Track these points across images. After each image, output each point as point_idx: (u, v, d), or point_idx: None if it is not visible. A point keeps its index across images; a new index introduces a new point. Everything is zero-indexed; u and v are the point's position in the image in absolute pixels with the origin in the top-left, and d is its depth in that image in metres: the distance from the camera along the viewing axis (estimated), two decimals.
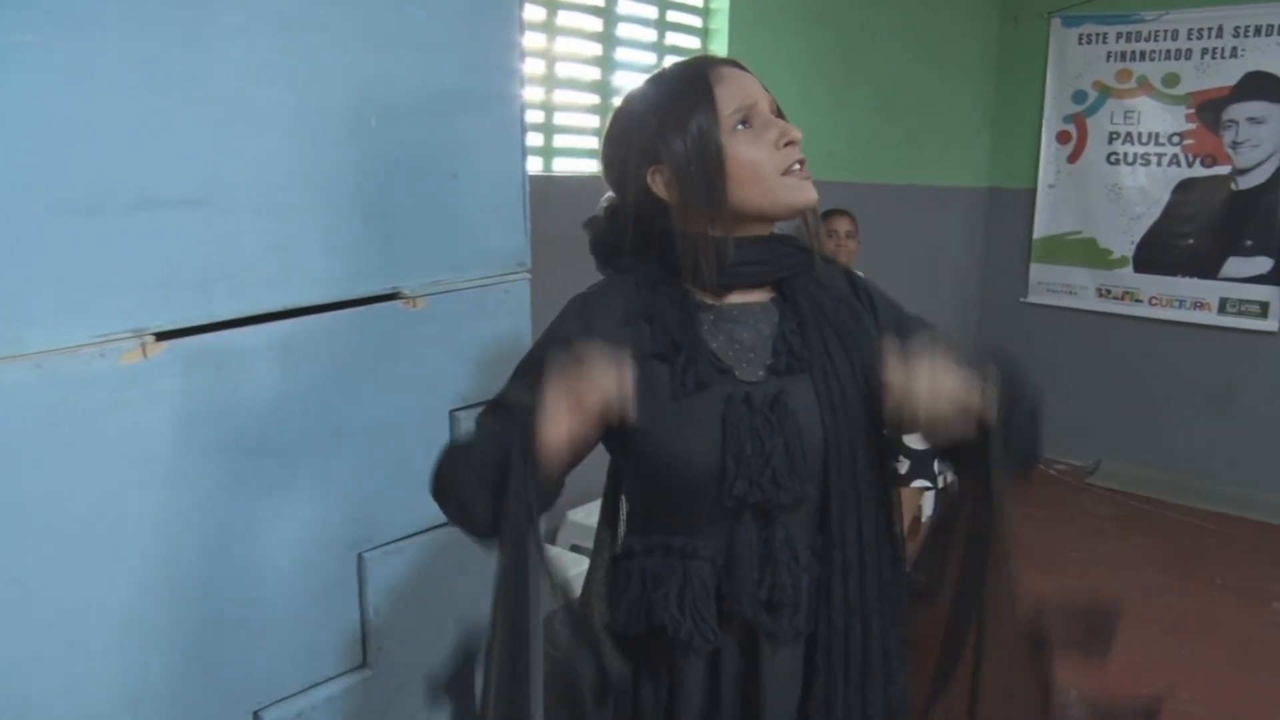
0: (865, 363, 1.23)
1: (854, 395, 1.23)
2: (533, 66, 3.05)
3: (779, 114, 1.25)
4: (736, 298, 1.27)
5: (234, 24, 1.43)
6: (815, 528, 1.24)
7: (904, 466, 3.86)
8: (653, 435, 1.21)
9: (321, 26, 1.53)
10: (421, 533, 1.75)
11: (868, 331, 1.27)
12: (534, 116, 3.08)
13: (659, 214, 1.25)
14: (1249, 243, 4.94)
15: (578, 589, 1.33)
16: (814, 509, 1.23)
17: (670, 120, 1.20)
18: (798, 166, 1.22)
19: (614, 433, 1.21)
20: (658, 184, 1.23)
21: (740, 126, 1.21)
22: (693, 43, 3.71)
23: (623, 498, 1.36)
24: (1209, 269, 5.06)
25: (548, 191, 2.93)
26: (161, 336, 1.38)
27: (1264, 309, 4.92)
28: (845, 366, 1.24)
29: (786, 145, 1.21)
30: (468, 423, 1.78)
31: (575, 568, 1.38)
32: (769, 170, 1.20)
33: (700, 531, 1.23)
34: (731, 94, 1.21)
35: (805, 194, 1.22)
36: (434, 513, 1.75)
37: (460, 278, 1.76)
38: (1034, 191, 5.52)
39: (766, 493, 1.18)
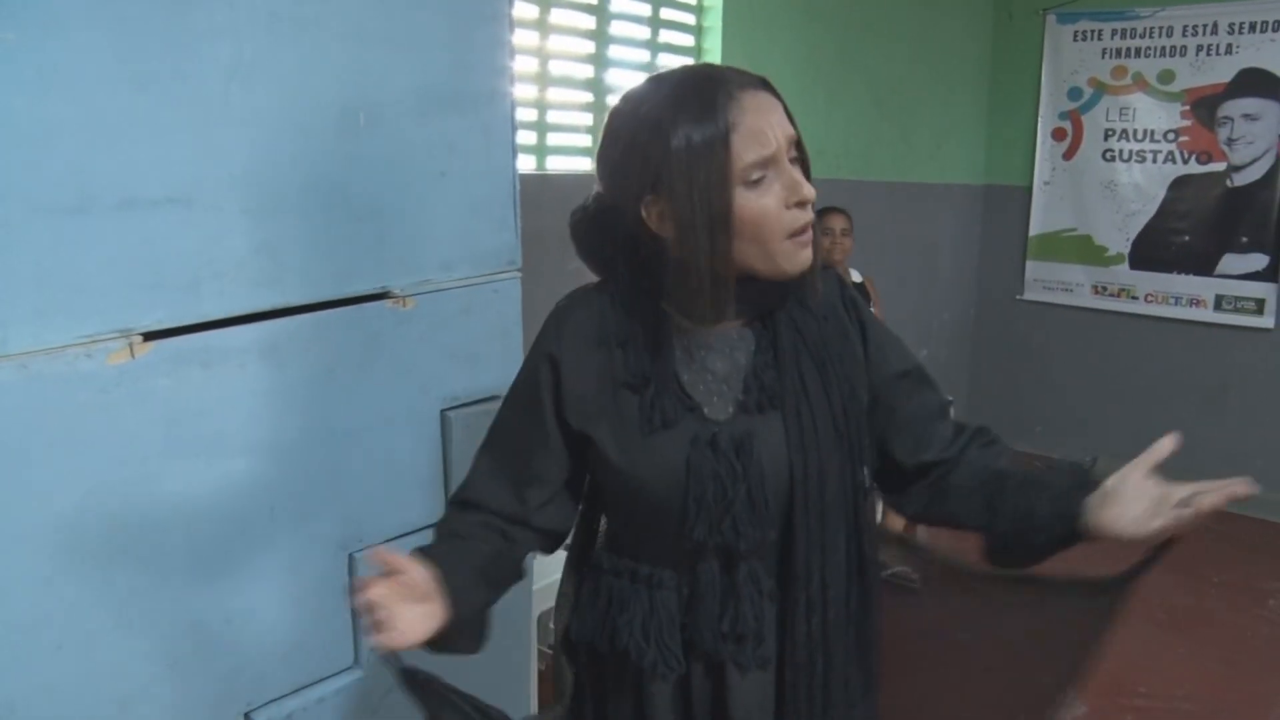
0: (846, 391, 1.20)
1: (827, 431, 1.18)
2: (526, 64, 3.04)
3: (798, 147, 1.15)
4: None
5: (221, 23, 1.42)
6: (779, 561, 1.22)
7: None
8: (620, 469, 1.20)
9: (310, 25, 1.53)
10: (412, 533, 1.75)
11: (853, 354, 1.24)
12: (527, 114, 3.08)
13: (650, 238, 1.16)
14: (1244, 239, 4.94)
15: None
16: (777, 546, 1.21)
17: (678, 159, 1.09)
18: (803, 231, 1.14)
19: (588, 452, 1.23)
20: (652, 215, 1.14)
21: (755, 177, 1.10)
22: (687, 40, 3.70)
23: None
24: (1204, 266, 5.06)
25: (540, 190, 2.93)
26: (149, 336, 1.37)
27: (1260, 305, 4.92)
28: (821, 401, 1.19)
29: (797, 205, 1.12)
30: (458, 423, 1.78)
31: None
32: (774, 232, 1.12)
33: (666, 561, 1.22)
34: (750, 143, 1.09)
35: (801, 261, 1.15)
36: (425, 512, 1.76)
37: (450, 277, 1.76)
38: (1030, 189, 5.52)
39: (727, 538, 1.17)
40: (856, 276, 4.10)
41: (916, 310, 5.16)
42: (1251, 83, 4.83)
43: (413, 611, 1.10)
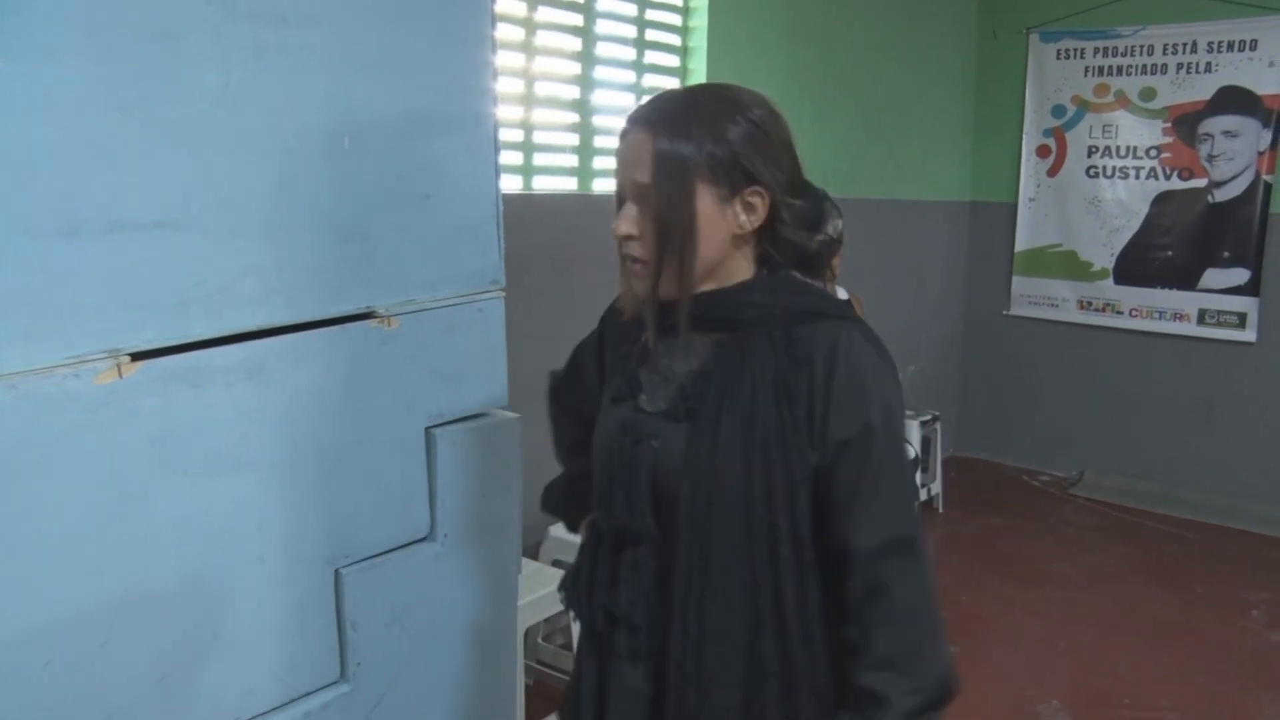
0: (771, 434, 1.19)
1: (732, 458, 1.19)
2: (512, 86, 3.08)
3: (657, 176, 1.19)
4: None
5: (209, 52, 1.45)
6: (662, 565, 1.27)
7: None
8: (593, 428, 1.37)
9: (296, 52, 1.56)
10: (398, 549, 1.77)
11: (786, 423, 1.20)
12: (513, 135, 3.12)
13: None
14: (1226, 254, 5.00)
15: None
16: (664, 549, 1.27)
17: None
18: (630, 262, 1.25)
19: None
20: None
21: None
22: (672, 61, 3.75)
23: None
24: (1187, 280, 5.12)
25: (526, 209, 2.97)
26: (137, 357, 1.40)
27: (1242, 320, 4.97)
28: (735, 429, 1.20)
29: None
30: (444, 441, 1.81)
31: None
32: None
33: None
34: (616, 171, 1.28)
35: (625, 289, 1.29)
36: (411, 528, 1.78)
37: (433, 297, 1.78)
38: (1015, 205, 5.57)
39: (614, 517, 1.27)
40: (843, 294, 4.13)
41: (905, 325, 5.19)
42: (1230, 100, 4.90)
43: None
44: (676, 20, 3.74)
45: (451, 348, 1.82)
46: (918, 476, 4.06)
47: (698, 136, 1.18)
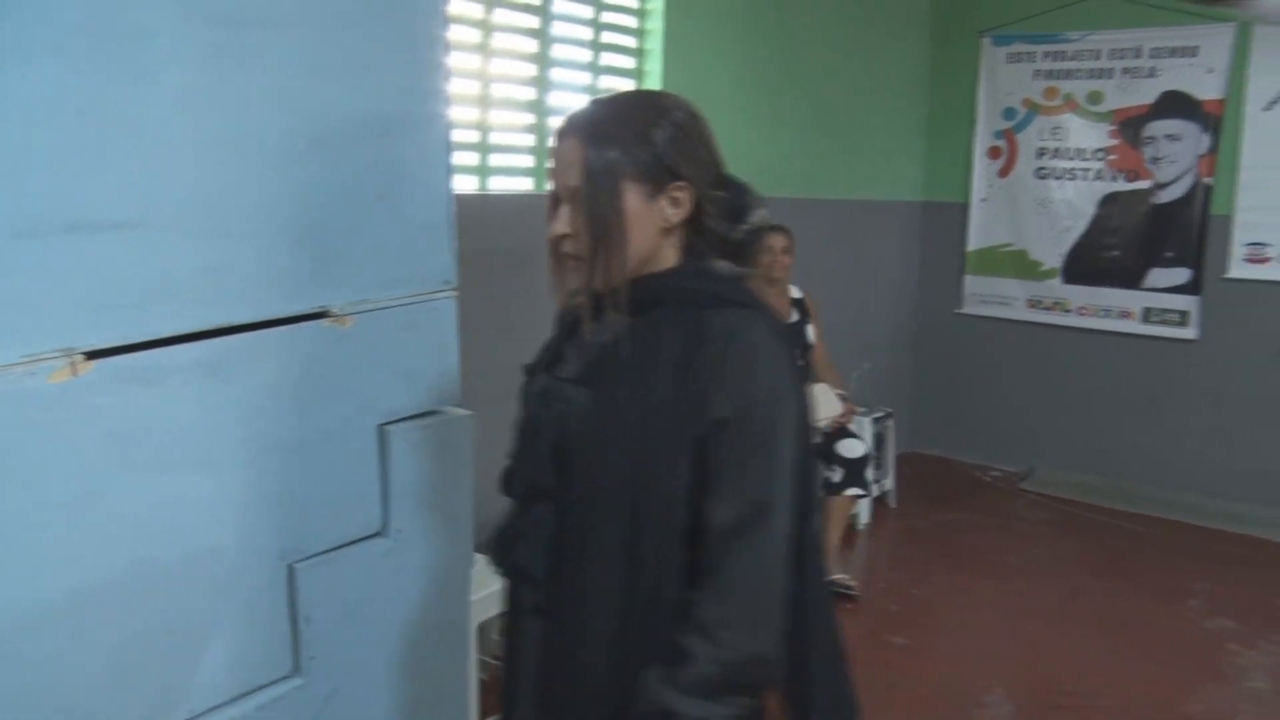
0: (648, 405, 1.29)
1: (616, 426, 1.31)
2: (468, 88, 3.12)
3: (588, 179, 1.30)
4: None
5: (167, 54, 1.47)
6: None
7: (837, 475, 3.96)
8: None
9: (254, 55, 1.58)
10: (352, 544, 1.80)
11: (679, 394, 1.28)
12: (470, 137, 3.15)
13: None
14: (1169, 254, 5.12)
15: None
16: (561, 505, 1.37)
17: None
18: (566, 259, 1.36)
19: None
20: None
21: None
22: (628, 63, 3.79)
23: None
24: (1133, 279, 5.24)
25: (482, 210, 3.00)
26: (93, 355, 1.42)
27: (1183, 317, 5.10)
28: (630, 397, 1.30)
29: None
30: (397, 438, 1.84)
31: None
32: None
33: None
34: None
35: (558, 283, 1.40)
36: (364, 524, 1.82)
37: (388, 296, 1.82)
38: (967, 205, 5.67)
39: (523, 474, 1.40)
40: (796, 292, 4.20)
41: (858, 323, 5.27)
42: (1173, 104, 5.03)
43: None
44: (633, 23, 3.78)
45: (405, 346, 1.85)
46: (870, 473, 4.14)
47: (624, 140, 1.30)
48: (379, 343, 1.80)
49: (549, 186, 1.36)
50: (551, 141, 1.36)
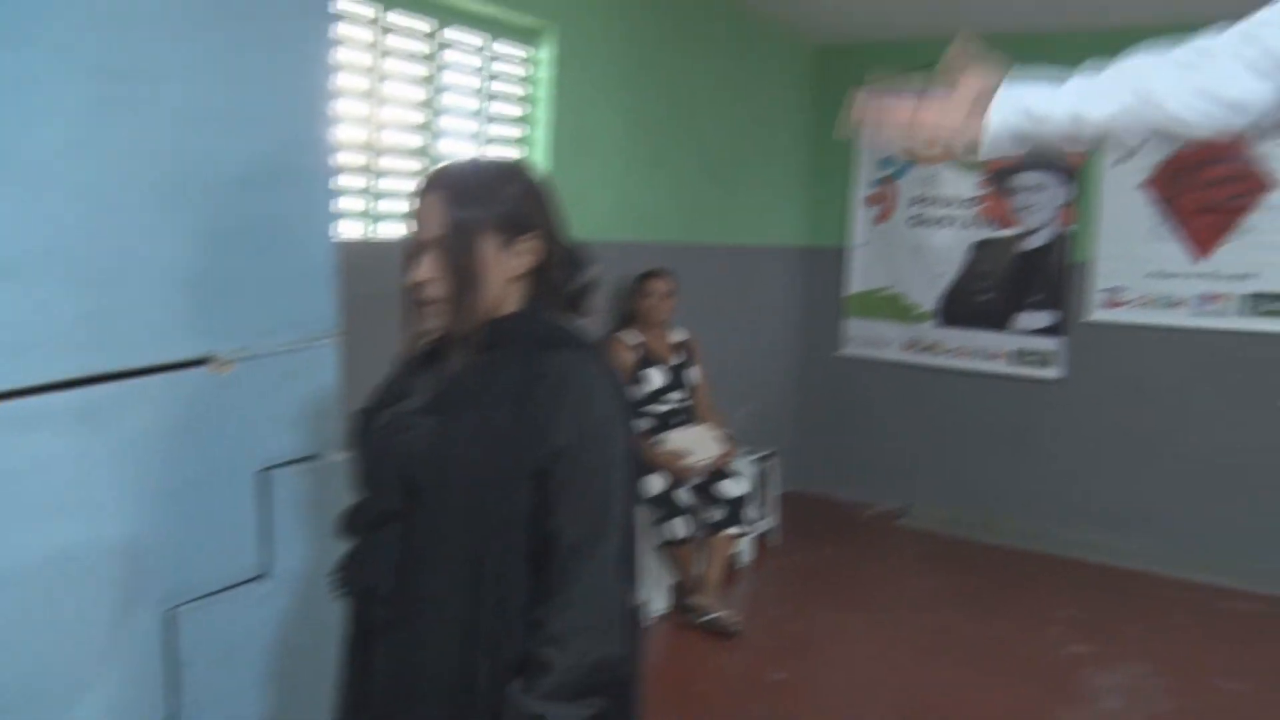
0: (501, 438, 1.42)
1: (471, 451, 1.42)
2: (356, 134, 3.16)
3: (448, 231, 1.44)
4: None
5: (49, 104, 1.51)
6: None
7: (718, 514, 4.06)
8: None
9: (141, 106, 1.62)
10: (231, 588, 1.82)
11: (518, 424, 1.42)
12: (358, 182, 3.19)
13: None
14: (1035, 298, 5.40)
15: None
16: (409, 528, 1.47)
17: None
18: (425, 304, 1.48)
19: None
20: None
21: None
22: (517, 110, 3.87)
23: None
24: (1003, 322, 5.50)
25: (369, 256, 3.04)
26: None
27: (1050, 359, 5.37)
28: (472, 426, 1.43)
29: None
30: (277, 483, 1.88)
31: None
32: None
33: None
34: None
35: (413, 326, 1.53)
36: (243, 568, 1.84)
37: (269, 343, 1.86)
38: (847, 251, 5.89)
39: (370, 498, 1.50)
40: (680, 335, 4.32)
41: (742, 365, 5.41)
42: (1036, 157, 5.31)
43: None
44: (521, 71, 3.87)
45: (286, 392, 1.89)
46: (751, 511, 4.26)
47: (482, 197, 1.46)
48: (260, 389, 1.84)
49: (408, 237, 1.50)
50: (413, 197, 1.49)
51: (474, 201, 1.45)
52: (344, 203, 2.70)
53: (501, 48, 3.74)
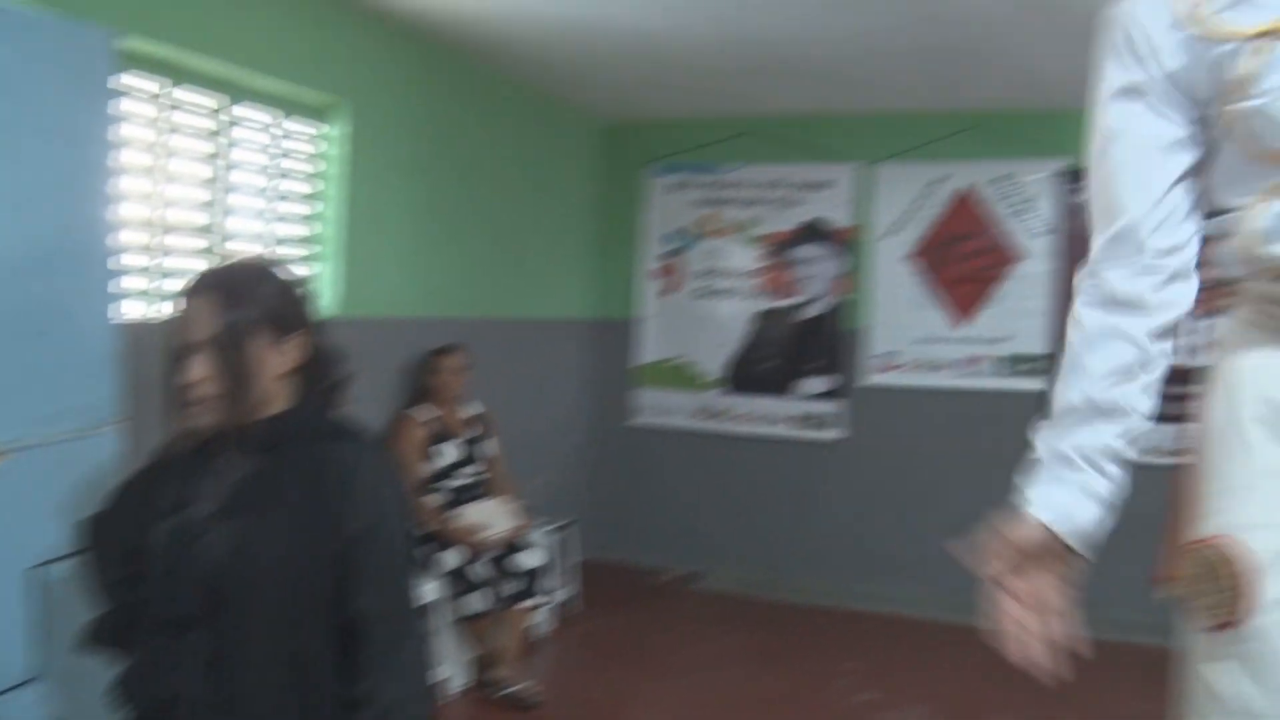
0: (301, 532, 1.48)
1: (274, 549, 1.47)
2: (140, 212, 3.06)
3: (220, 332, 1.49)
4: None
5: None
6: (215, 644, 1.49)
7: (514, 586, 4.08)
8: None
9: None
10: (13, 689, 1.74)
11: (314, 517, 1.50)
12: (142, 261, 3.09)
13: None
14: (814, 365, 5.72)
15: None
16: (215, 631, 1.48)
17: None
18: (198, 402, 1.51)
19: None
20: None
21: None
22: (306, 188, 3.85)
23: None
24: (785, 388, 5.78)
25: (154, 337, 2.95)
26: None
27: (830, 421, 5.68)
28: (272, 525, 1.48)
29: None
30: (53, 578, 1.80)
31: None
32: None
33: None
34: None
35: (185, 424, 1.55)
36: (24, 667, 1.76)
37: (45, 433, 1.80)
38: (636, 322, 6.07)
39: (169, 609, 1.49)
40: (476, 408, 4.36)
41: (536, 439, 5.44)
42: (813, 231, 5.70)
43: None
44: (312, 148, 3.85)
45: (63, 483, 1.83)
46: (548, 582, 4.30)
47: (250, 298, 1.52)
48: (36, 480, 1.79)
49: (177, 338, 1.52)
50: (180, 299, 1.54)
51: (244, 302, 1.50)
52: (128, 283, 2.61)
53: (292, 125, 3.73)
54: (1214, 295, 1.40)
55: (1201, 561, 1.25)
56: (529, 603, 4.11)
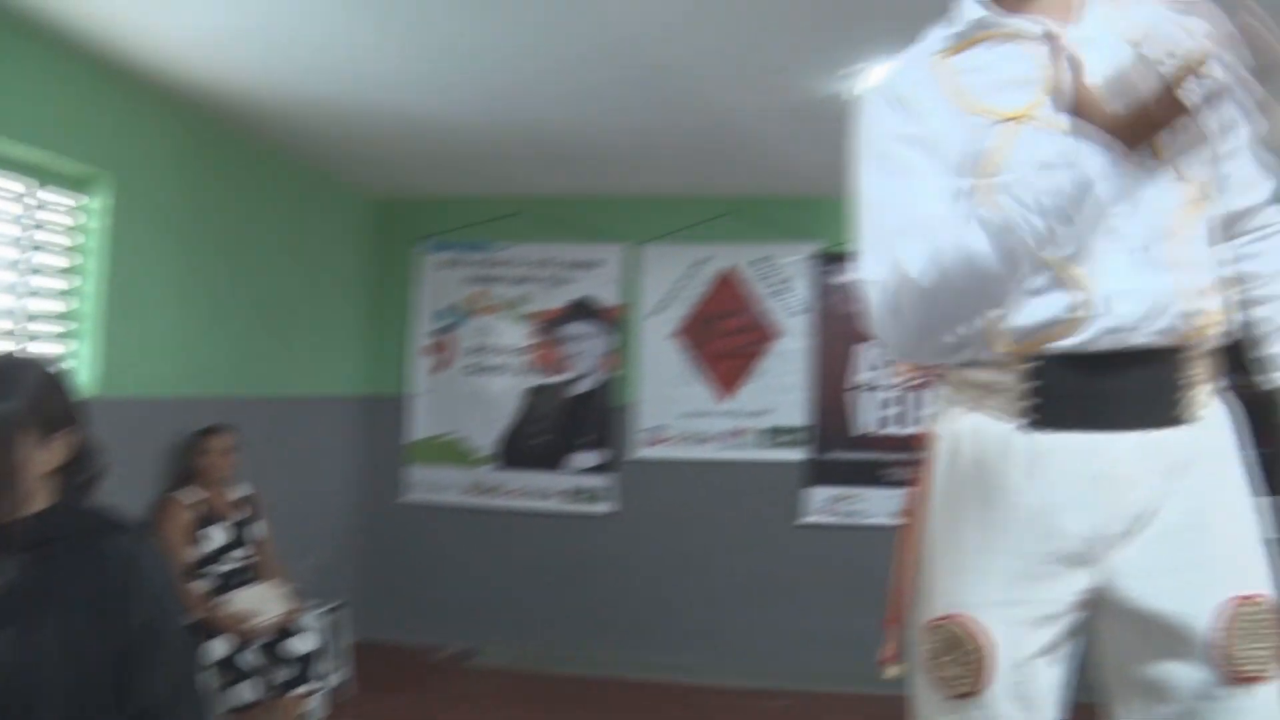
0: (82, 633, 1.46)
1: (54, 653, 1.43)
2: None
3: None
4: None
5: None
6: None
7: (285, 674, 3.94)
8: None
9: None
10: None
11: (94, 615, 1.48)
12: None
13: None
14: (585, 439, 5.86)
15: None
16: None
17: None
18: None
19: None
20: None
21: None
22: (63, 262, 3.67)
23: None
24: (556, 463, 5.89)
25: None
26: None
27: (602, 494, 5.82)
28: (52, 629, 1.44)
29: None
30: None
31: None
32: None
33: None
34: None
35: None
36: None
37: None
38: (408, 399, 6.03)
39: None
40: (245, 490, 4.22)
41: (305, 519, 5.30)
42: (582, 309, 5.87)
43: None
44: (70, 220, 3.68)
45: None
46: (321, 666, 4.18)
47: (14, 395, 1.48)
48: None
49: None
50: None
51: (9, 399, 1.47)
52: None
53: (48, 195, 3.56)
54: (930, 372, 1.59)
55: (946, 637, 1.44)
56: (302, 689, 3.98)
